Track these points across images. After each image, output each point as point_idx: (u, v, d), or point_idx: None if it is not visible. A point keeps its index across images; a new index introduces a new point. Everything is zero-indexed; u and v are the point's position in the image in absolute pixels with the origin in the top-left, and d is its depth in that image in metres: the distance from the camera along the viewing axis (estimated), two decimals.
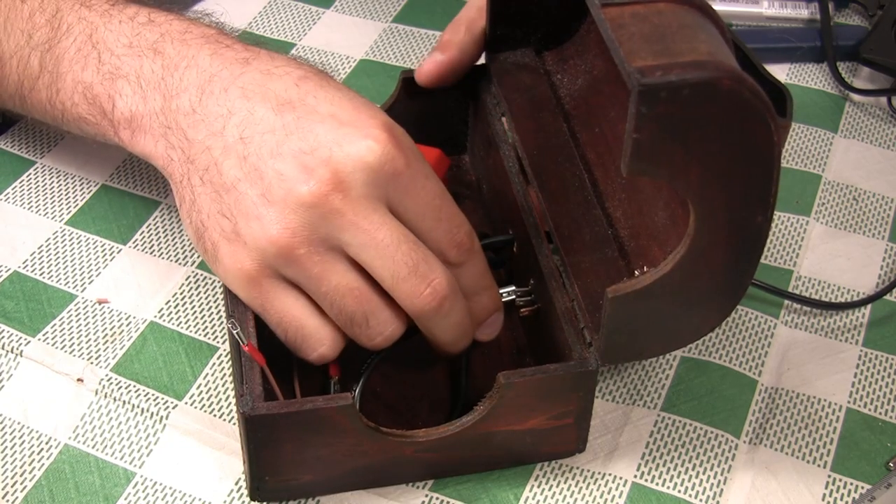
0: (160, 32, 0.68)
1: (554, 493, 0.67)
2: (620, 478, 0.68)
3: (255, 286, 0.63)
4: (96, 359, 0.72)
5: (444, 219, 0.65)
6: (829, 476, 0.69)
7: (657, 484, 0.68)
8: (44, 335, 0.73)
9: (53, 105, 0.72)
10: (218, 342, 0.73)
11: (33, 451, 0.67)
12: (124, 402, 0.70)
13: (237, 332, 0.64)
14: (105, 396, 0.70)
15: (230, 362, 0.72)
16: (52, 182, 0.82)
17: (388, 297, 0.64)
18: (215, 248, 0.64)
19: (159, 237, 0.79)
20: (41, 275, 0.76)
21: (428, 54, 0.78)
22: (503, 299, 0.71)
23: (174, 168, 0.66)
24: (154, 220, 0.80)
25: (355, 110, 0.64)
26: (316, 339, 0.65)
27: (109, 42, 0.69)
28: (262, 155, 0.62)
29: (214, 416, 0.69)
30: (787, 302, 0.78)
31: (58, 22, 0.71)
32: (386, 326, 0.64)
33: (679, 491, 0.67)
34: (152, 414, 0.69)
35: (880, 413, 0.72)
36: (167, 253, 0.78)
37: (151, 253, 0.78)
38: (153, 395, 0.70)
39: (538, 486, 0.67)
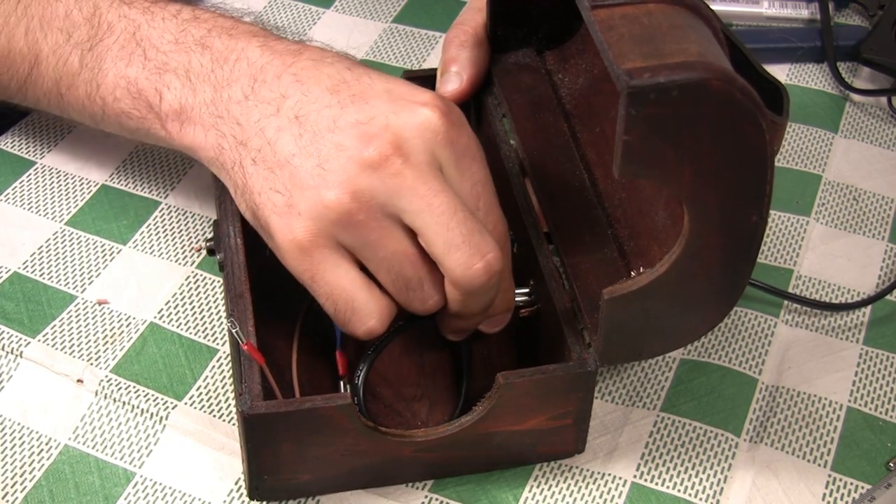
0: (207, 28, 0.69)
1: (553, 493, 0.67)
2: (620, 478, 0.68)
3: (306, 256, 0.63)
4: (96, 360, 0.72)
5: (483, 208, 0.64)
6: (830, 476, 0.69)
7: (657, 484, 0.68)
8: (44, 336, 0.73)
9: (93, 101, 0.72)
10: (217, 343, 0.73)
11: (33, 452, 0.67)
12: (124, 402, 0.70)
13: (236, 331, 0.64)
14: (105, 397, 0.70)
15: (230, 363, 0.72)
16: (53, 182, 0.82)
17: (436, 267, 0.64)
18: (267, 223, 0.63)
19: (159, 237, 0.79)
20: (41, 276, 0.76)
21: (441, 74, 0.77)
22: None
23: (225, 156, 0.66)
24: (154, 220, 0.80)
25: (408, 86, 0.64)
26: (366, 311, 0.64)
27: (154, 39, 0.70)
28: (318, 130, 0.63)
29: (214, 416, 0.69)
30: (786, 302, 0.78)
31: (97, 20, 0.71)
32: (435, 292, 0.64)
33: (679, 491, 0.67)
34: (152, 415, 0.69)
35: (881, 413, 0.72)
36: (167, 253, 0.78)
37: (151, 253, 0.78)
38: (153, 395, 0.70)
39: (537, 487, 0.67)
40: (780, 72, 0.96)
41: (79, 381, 0.71)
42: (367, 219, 0.61)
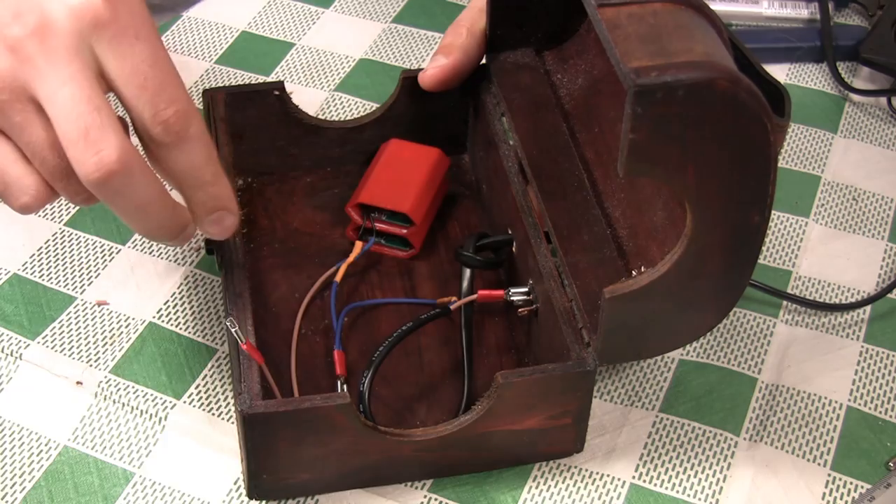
0: None
1: (552, 493, 0.67)
2: (618, 479, 0.68)
3: None
4: (95, 361, 0.72)
5: (150, 88, 0.58)
6: (829, 475, 0.69)
7: (655, 485, 0.68)
8: (43, 338, 0.73)
9: None
10: (216, 343, 0.73)
11: (32, 453, 0.67)
12: (123, 403, 0.70)
13: (235, 331, 0.64)
14: (104, 398, 0.70)
15: (229, 362, 0.72)
16: None
17: None
18: None
19: None
20: (40, 277, 0.76)
21: (430, 58, 0.78)
22: (508, 298, 0.71)
23: None
24: None
25: None
26: (18, 187, 0.60)
27: None
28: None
29: (213, 415, 0.69)
30: (786, 303, 0.78)
31: None
32: (83, 187, 0.59)
33: (678, 491, 0.67)
34: (151, 415, 0.69)
35: (881, 412, 0.72)
36: (166, 253, 0.78)
37: (150, 253, 0.78)
38: (152, 395, 0.70)
39: (536, 488, 0.67)
40: (780, 72, 0.95)
41: (78, 382, 0.71)
42: (10, 100, 0.58)
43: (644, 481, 0.68)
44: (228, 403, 0.70)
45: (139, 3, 0.59)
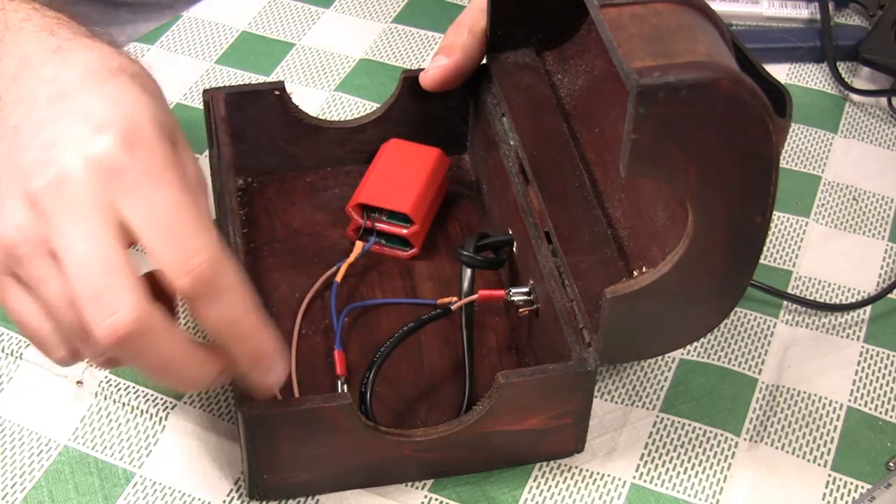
0: (4, 20, 0.64)
1: (552, 493, 0.67)
2: (619, 478, 0.68)
3: None
4: None
5: (174, 238, 0.55)
6: (830, 475, 0.69)
7: (656, 485, 0.68)
8: None
9: None
10: None
11: (32, 453, 0.67)
12: (123, 403, 0.70)
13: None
14: (105, 398, 0.70)
15: None
16: None
17: None
18: None
19: None
20: None
21: (431, 58, 0.78)
22: (509, 298, 0.71)
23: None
24: None
25: (110, 102, 0.58)
26: (50, 345, 0.59)
27: None
28: (20, 145, 0.58)
29: (213, 415, 0.69)
30: (786, 303, 0.78)
31: None
32: (90, 345, 0.57)
33: (678, 491, 0.67)
34: (151, 415, 0.69)
35: (881, 412, 0.72)
36: None
37: None
38: (152, 395, 0.70)
39: (536, 488, 0.67)
40: (780, 72, 0.95)
41: (78, 382, 0.71)
42: (31, 254, 0.56)
43: (645, 481, 0.68)
44: (229, 403, 0.70)
45: (161, 146, 0.57)
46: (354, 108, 0.90)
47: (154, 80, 0.62)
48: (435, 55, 0.78)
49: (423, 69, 0.78)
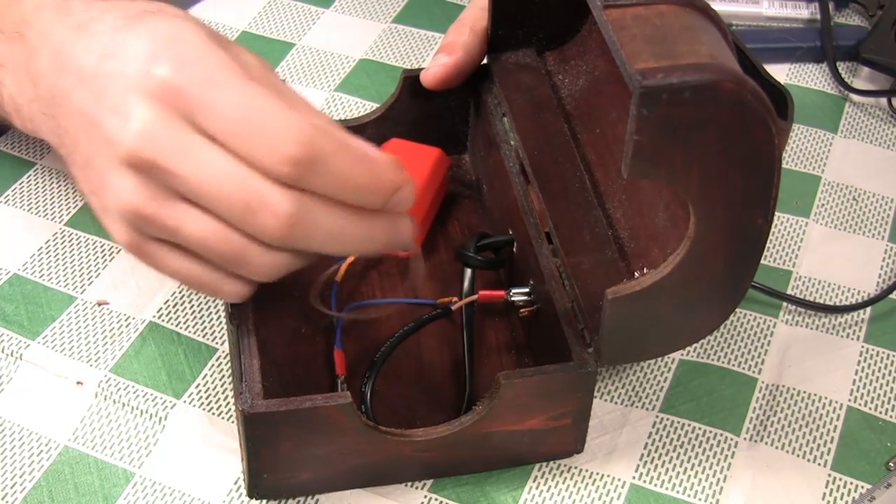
0: (21, 12, 0.65)
1: (552, 493, 0.67)
2: (619, 479, 0.68)
3: (138, 255, 0.61)
4: (95, 361, 0.72)
5: (257, 132, 0.56)
6: (830, 475, 0.69)
7: (656, 485, 0.68)
8: (43, 338, 0.73)
9: None
10: (217, 342, 0.73)
11: (32, 453, 0.67)
12: (124, 403, 0.70)
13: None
14: (105, 399, 0.70)
15: (229, 361, 0.72)
16: (52, 183, 0.82)
17: None
18: (102, 219, 0.61)
19: None
20: (41, 277, 0.76)
21: (432, 57, 0.78)
22: (509, 299, 0.70)
23: (61, 151, 0.64)
24: None
25: (149, 36, 0.58)
26: (220, 283, 0.61)
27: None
28: (94, 123, 0.59)
29: (213, 415, 0.69)
30: (786, 303, 0.78)
31: None
32: (266, 258, 0.59)
33: (678, 492, 0.67)
34: (151, 415, 0.69)
35: (881, 412, 0.72)
36: None
37: None
38: (152, 395, 0.70)
39: (536, 489, 0.67)
40: (780, 72, 0.96)
41: (78, 382, 0.71)
42: (155, 209, 0.58)
43: (644, 481, 0.68)
44: (229, 403, 0.70)
45: (209, 51, 0.57)
46: (354, 108, 0.90)
47: (176, 8, 0.62)
48: (436, 54, 0.78)
49: (423, 69, 0.78)
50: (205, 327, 0.74)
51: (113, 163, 0.58)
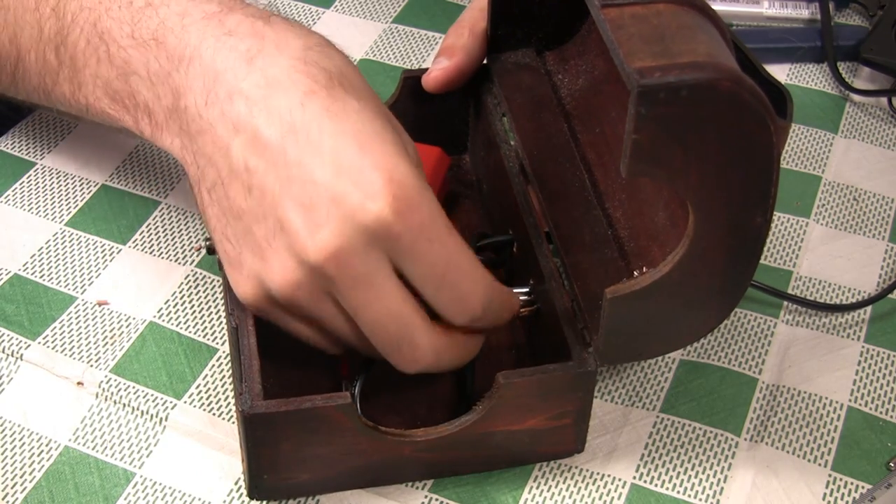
0: (160, 17, 0.65)
1: (552, 493, 0.67)
2: (619, 479, 0.68)
3: (263, 311, 0.63)
4: (96, 361, 0.72)
5: (448, 287, 0.60)
6: (830, 475, 0.69)
7: (656, 485, 0.68)
8: (44, 339, 0.73)
9: (77, 99, 0.69)
10: (217, 342, 0.73)
11: (33, 453, 0.67)
12: (124, 404, 0.70)
13: None
14: (105, 399, 0.70)
15: (229, 362, 0.72)
16: (53, 183, 0.82)
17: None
18: (228, 265, 0.63)
19: (159, 237, 0.79)
20: (41, 277, 0.76)
21: (433, 60, 0.78)
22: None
23: (191, 170, 0.64)
24: (154, 219, 0.80)
25: (360, 150, 0.58)
26: (337, 349, 0.66)
27: (114, 32, 0.66)
28: (265, 192, 0.59)
29: (213, 415, 0.69)
30: (786, 303, 0.78)
31: (62, 11, 0.69)
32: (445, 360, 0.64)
33: (678, 492, 0.67)
34: (152, 416, 0.69)
35: (881, 412, 0.72)
36: (167, 253, 0.78)
37: (151, 253, 0.78)
38: (152, 395, 0.70)
39: (536, 489, 0.67)
40: (780, 72, 0.96)
41: (79, 383, 0.71)
42: (310, 301, 0.61)
43: (645, 481, 0.68)
44: (229, 403, 0.70)
45: (428, 201, 0.59)
46: None
47: (346, 59, 0.63)
48: (436, 57, 0.78)
49: (423, 69, 0.79)
50: (205, 327, 0.74)
51: (283, 250, 0.59)
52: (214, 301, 0.75)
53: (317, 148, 0.59)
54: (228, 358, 0.72)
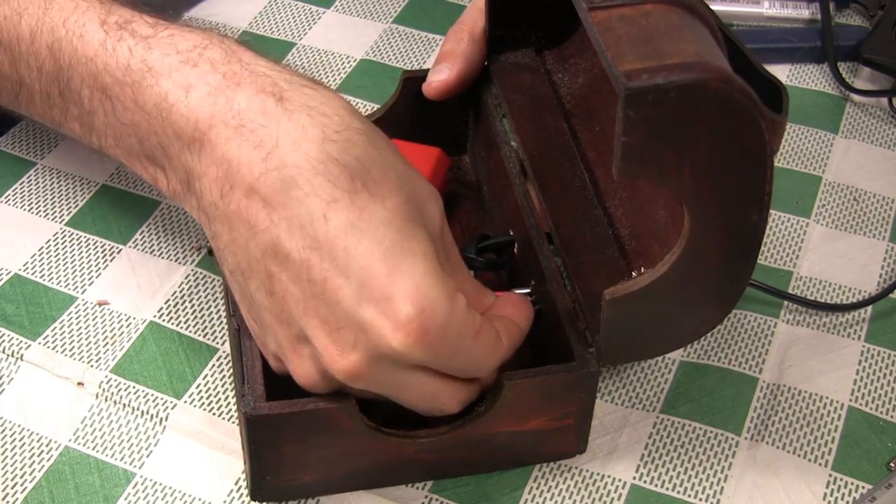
0: (162, 91, 0.60)
1: (552, 494, 0.67)
2: (619, 479, 0.68)
3: (279, 372, 0.63)
4: (96, 361, 0.72)
5: (470, 369, 0.62)
6: (831, 475, 0.69)
7: (656, 485, 0.68)
8: (44, 339, 0.73)
9: (90, 141, 0.66)
10: (217, 342, 0.73)
11: (33, 453, 0.67)
12: (124, 404, 0.70)
13: None
14: (105, 399, 0.70)
15: (230, 362, 0.72)
16: (53, 183, 0.82)
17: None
18: (254, 338, 0.63)
19: (159, 237, 0.79)
20: (41, 277, 0.76)
21: (433, 64, 0.78)
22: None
23: (211, 241, 0.61)
24: (154, 220, 0.80)
25: (389, 275, 0.56)
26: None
27: (116, 91, 0.62)
28: (287, 301, 0.57)
29: (214, 415, 0.69)
30: (786, 303, 0.78)
31: (58, 52, 0.64)
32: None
33: (678, 492, 0.67)
34: (152, 416, 0.69)
35: (881, 412, 0.72)
36: (167, 253, 0.78)
37: (151, 253, 0.78)
38: (153, 395, 0.70)
39: (536, 489, 0.67)
40: (781, 72, 0.96)
41: (79, 383, 0.71)
42: (329, 387, 0.61)
43: (645, 482, 0.68)
44: (230, 403, 0.70)
45: (458, 321, 0.58)
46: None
47: (367, 141, 0.59)
48: (436, 63, 0.78)
49: (423, 69, 0.79)
50: (205, 327, 0.74)
51: (308, 358, 0.59)
52: (214, 301, 0.75)
53: (343, 269, 0.56)
54: (229, 358, 0.72)
